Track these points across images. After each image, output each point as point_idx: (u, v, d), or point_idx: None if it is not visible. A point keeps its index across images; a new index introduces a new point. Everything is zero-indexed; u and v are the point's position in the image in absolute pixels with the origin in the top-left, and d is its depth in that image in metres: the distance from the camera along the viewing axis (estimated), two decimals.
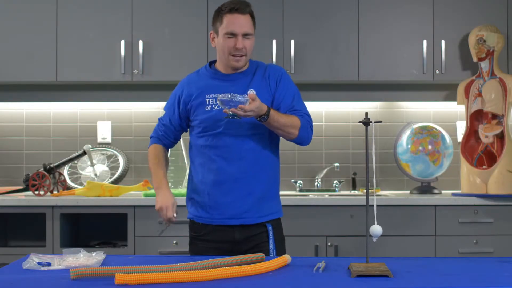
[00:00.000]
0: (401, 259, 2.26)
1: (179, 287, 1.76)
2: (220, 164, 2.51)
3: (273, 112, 2.44)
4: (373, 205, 2.03)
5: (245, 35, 2.53)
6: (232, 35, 2.51)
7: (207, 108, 2.53)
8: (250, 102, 2.35)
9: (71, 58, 3.83)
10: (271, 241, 2.53)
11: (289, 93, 2.58)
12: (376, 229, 1.98)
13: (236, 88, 2.51)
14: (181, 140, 3.92)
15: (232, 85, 2.54)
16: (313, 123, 2.66)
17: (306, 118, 2.58)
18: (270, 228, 2.54)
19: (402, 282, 1.83)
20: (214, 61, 2.66)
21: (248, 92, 2.49)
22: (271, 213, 2.57)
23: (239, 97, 2.33)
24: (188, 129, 2.67)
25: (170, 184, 3.80)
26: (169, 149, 2.76)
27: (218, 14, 2.54)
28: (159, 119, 2.71)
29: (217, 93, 2.49)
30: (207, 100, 2.54)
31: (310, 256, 3.42)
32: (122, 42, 3.81)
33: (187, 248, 2.85)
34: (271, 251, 2.52)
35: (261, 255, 2.13)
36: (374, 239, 2.00)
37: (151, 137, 2.71)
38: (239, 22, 2.52)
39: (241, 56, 2.53)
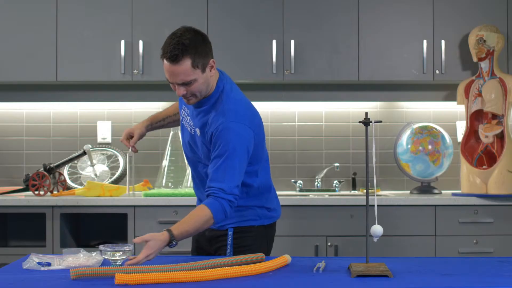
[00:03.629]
0: (401, 259, 2.27)
1: (179, 287, 1.77)
2: (193, 184, 2.58)
3: (178, 232, 2.18)
4: (373, 205, 2.03)
5: (183, 84, 2.27)
6: (170, 82, 2.31)
7: (182, 121, 2.55)
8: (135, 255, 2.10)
9: (71, 58, 3.83)
10: (229, 246, 2.44)
11: (216, 159, 2.28)
12: (377, 229, 1.98)
13: (195, 116, 2.42)
14: (181, 140, 3.91)
15: (195, 116, 2.42)
16: (314, 123, 2.65)
17: (219, 199, 2.23)
18: (230, 233, 2.44)
19: (402, 282, 1.83)
20: None
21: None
22: (232, 222, 2.43)
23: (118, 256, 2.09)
24: None
25: (170, 185, 3.83)
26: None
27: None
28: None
29: (187, 114, 2.48)
30: (182, 116, 2.53)
31: (310, 256, 3.42)
32: (122, 42, 3.81)
33: (187, 248, 2.86)
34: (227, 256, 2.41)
35: (261, 255, 2.13)
36: (375, 239, 2.00)
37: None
38: (171, 72, 2.25)
39: (190, 96, 2.33)
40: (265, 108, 4.13)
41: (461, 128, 4.09)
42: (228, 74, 3.97)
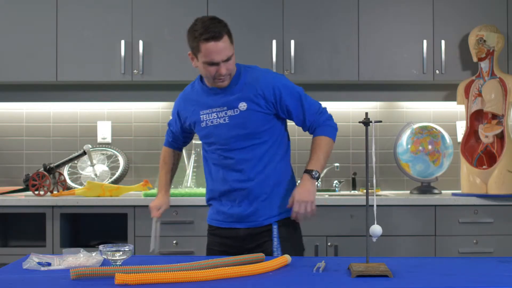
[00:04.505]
0: (401, 259, 2.27)
1: (179, 287, 1.77)
2: (223, 175, 2.55)
3: (316, 167, 2.51)
4: (373, 205, 2.03)
5: (226, 60, 2.43)
6: (213, 64, 2.42)
7: (202, 124, 2.56)
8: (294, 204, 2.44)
9: (71, 58, 3.83)
10: (275, 239, 2.52)
11: (296, 107, 2.53)
12: (376, 229, 1.98)
13: (225, 101, 2.51)
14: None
15: (221, 98, 2.52)
16: None
17: (325, 122, 2.56)
18: (275, 227, 2.54)
19: (402, 282, 1.83)
20: None
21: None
22: (277, 214, 2.55)
23: None
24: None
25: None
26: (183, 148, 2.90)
27: (194, 39, 2.44)
28: (168, 124, 2.80)
29: (209, 108, 2.53)
30: (201, 116, 2.56)
31: (310, 256, 3.42)
32: (122, 42, 3.81)
33: (187, 248, 2.86)
34: (274, 249, 2.50)
35: (261, 255, 2.13)
36: (374, 239, 2.00)
37: (165, 136, 2.85)
38: (217, 50, 2.39)
39: (227, 75, 2.47)
40: None
41: (461, 128, 4.09)
42: None
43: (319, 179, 2.47)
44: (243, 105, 2.49)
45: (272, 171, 2.55)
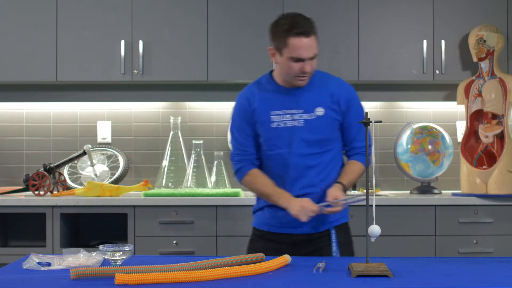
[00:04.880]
0: (401, 259, 2.27)
1: (179, 287, 1.77)
2: (284, 180, 2.49)
3: (346, 182, 2.48)
4: (372, 205, 2.03)
5: (312, 57, 2.41)
6: (299, 60, 2.39)
7: (273, 125, 2.48)
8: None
9: (71, 58, 3.83)
10: (333, 244, 2.50)
11: (355, 126, 2.51)
12: (375, 229, 1.98)
13: (301, 104, 2.46)
14: (181, 140, 3.92)
15: (296, 100, 2.47)
16: None
17: (362, 153, 2.54)
18: (332, 231, 2.52)
19: (402, 282, 1.83)
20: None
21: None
22: (334, 221, 2.53)
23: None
24: None
25: (170, 185, 3.83)
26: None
27: (281, 35, 2.39)
28: (233, 143, 2.61)
29: (282, 109, 2.47)
30: (272, 117, 2.49)
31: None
32: (122, 42, 3.81)
33: (187, 248, 2.85)
34: (334, 254, 2.49)
35: (261, 255, 2.13)
36: (373, 239, 2.00)
37: (236, 165, 2.59)
38: (306, 46, 2.38)
39: (306, 76, 2.45)
40: None
41: (461, 128, 4.09)
42: (228, 74, 4.00)
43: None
44: (320, 110, 2.46)
45: (333, 179, 2.51)
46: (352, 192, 4.07)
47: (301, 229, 2.50)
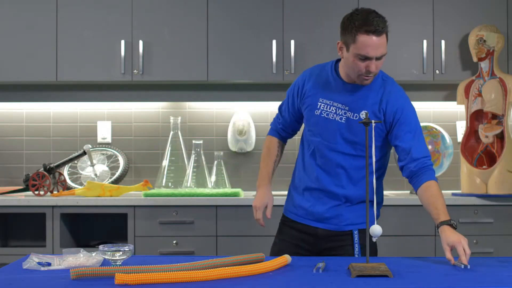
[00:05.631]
0: (401, 259, 2.26)
1: (179, 287, 1.76)
2: (317, 173, 2.48)
3: (448, 217, 2.35)
4: (373, 206, 2.03)
5: (380, 57, 2.33)
6: (366, 58, 2.31)
7: (316, 112, 2.47)
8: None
9: (71, 58, 3.83)
10: (356, 245, 2.48)
11: (408, 133, 2.39)
12: (376, 229, 1.99)
13: (349, 101, 2.42)
14: (181, 140, 3.92)
15: (346, 96, 2.42)
16: None
17: (429, 166, 2.39)
18: (355, 232, 2.49)
19: (402, 282, 1.83)
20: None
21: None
22: (358, 223, 2.49)
23: None
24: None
25: (170, 185, 3.83)
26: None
27: (351, 29, 2.32)
28: (278, 108, 2.68)
29: (331, 100, 2.44)
30: (319, 104, 2.46)
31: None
32: (122, 42, 3.81)
33: (187, 248, 2.84)
34: (356, 255, 2.47)
35: (261, 255, 2.13)
36: (374, 239, 2.00)
37: (270, 125, 2.71)
38: (375, 45, 2.29)
39: (371, 76, 2.37)
40: (265, 108, 4.14)
41: (461, 128, 4.09)
42: (228, 74, 4.00)
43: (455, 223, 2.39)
44: (364, 114, 2.37)
45: (364, 187, 2.43)
46: None
47: (324, 224, 2.49)
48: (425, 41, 3.83)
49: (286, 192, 2.66)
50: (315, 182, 2.49)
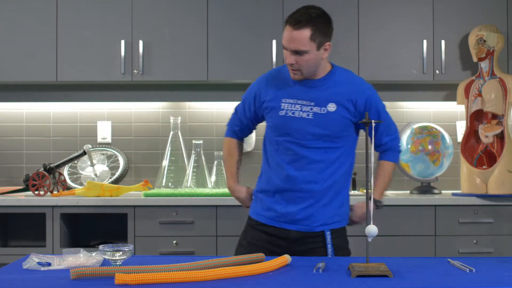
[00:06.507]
0: (401, 259, 2.26)
1: (179, 287, 1.76)
2: (287, 171, 2.48)
3: (380, 195, 2.58)
4: (370, 205, 2.03)
5: (295, 51, 2.37)
6: (284, 48, 2.39)
7: (281, 113, 2.48)
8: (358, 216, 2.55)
9: (71, 58, 3.83)
10: (329, 245, 2.49)
11: (378, 123, 2.49)
12: (372, 229, 1.98)
13: (314, 97, 2.46)
14: (181, 140, 3.92)
15: (310, 92, 2.46)
16: None
17: (395, 148, 2.61)
18: (328, 233, 2.50)
19: (402, 282, 1.83)
20: None
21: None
22: (330, 223, 2.52)
23: None
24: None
25: (170, 185, 3.83)
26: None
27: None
28: (235, 109, 2.71)
29: (294, 98, 2.46)
30: (282, 104, 2.48)
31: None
32: (122, 42, 3.81)
33: (187, 248, 2.84)
34: (329, 256, 2.48)
35: (261, 255, 2.13)
36: (369, 239, 2.00)
37: (227, 125, 2.74)
38: (289, 37, 2.36)
39: (297, 70, 2.42)
40: None
41: (461, 128, 4.09)
42: (228, 74, 4.00)
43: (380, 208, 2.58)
44: (332, 106, 2.45)
45: (337, 179, 2.50)
46: (352, 192, 4.07)
47: (296, 226, 2.49)
48: (425, 41, 3.83)
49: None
50: (286, 182, 2.49)
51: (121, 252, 2.05)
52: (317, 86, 2.47)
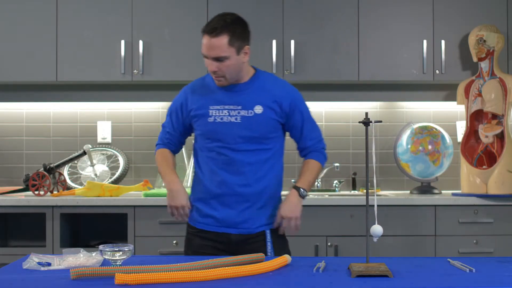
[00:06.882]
0: (401, 259, 2.27)
1: (179, 287, 1.76)
2: (221, 176, 2.51)
3: (305, 185, 2.56)
4: (373, 205, 2.03)
5: (216, 58, 2.42)
6: (205, 57, 2.45)
7: (209, 119, 2.51)
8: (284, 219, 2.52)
9: (71, 58, 3.83)
10: (268, 243, 2.53)
11: (300, 121, 2.58)
12: (377, 229, 1.98)
13: (240, 101, 2.49)
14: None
15: (235, 97, 2.50)
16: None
17: (320, 150, 2.64)
18: (267, 232, 2.55)
19: (402, 282, 1.83)
20: None
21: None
22: (269, 223, 2.56)
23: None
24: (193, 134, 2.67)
25: None
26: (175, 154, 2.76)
27: None
28: (162, 125, 2.71)
29: (221, 104, 2.50)
30: (210, 111, 2.51)
31: (310, 256, 3.42)
32: (122, 42, 3.81)
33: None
34: (268, 253, 2.51)
35: (261, 255, 2.13)
36: (375, 239, 2.00)
37: (156, 144, 2.72)
38: (208, 45, 2.41)
39: (220, 76, 2.46)
40: None
41: (461, 128, 4.09)
42: None
43: (305, 198, 2.59)
44: (259, 108, 2.49)
45: (270, 180, 2.55)
46: (352, 192, 4.08)
47: (236, 229, 2.52)
48: (425, 41, 3.83)
49: (286, 192, 2.66)
50: (220, 187, 2.51)
51: (121, 252, 2.05)
52: (242, 90, 2.51)
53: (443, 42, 3.82)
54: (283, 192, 2.67)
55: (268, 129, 2.51)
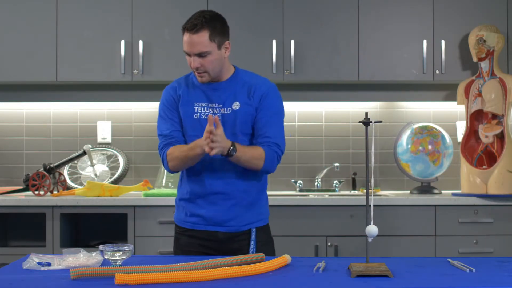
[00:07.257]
0: (401, 259, 2.26)
1: (179, 287, 1.77)
2: (204, 176, 2.51)
3: (238, 145, 2.40)
4: (374, 205, 2.03)
5: (199, 54, 2.45)
6: (187, 54, 2.48)
7: (195, 116, 2.53)
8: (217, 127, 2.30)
9: (71, 58, 3.83)
10: (252, 242, 2.52)
11: (266, 116, 2.51)
12: (372, 229, 1.98)
13: (222, 98, 2.51)
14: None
15: (217, 95, 2.52)
16: (314, 123, 2.67)
17: (273, 149, 2.50)
18: (253, 231, 2.54)
19: (402, 282, 1.83)
20: None
21: (215, 113, 2.46)
22: (255, 221, 2.56)
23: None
24: None
25: (170, 185, 3.83)
26: None
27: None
28: (158, 135, 2.66)
29: (206, 102, 2.52)
30: (196, 108, 2.53)
31: (310, 256, 3.42)
32: (122, 42, 3.81)
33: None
34: (250, 252, 2.51)
35: (261, 255, 2.13)
36: (370, 239, 2.00)
37: (160, 152, 2.64)
38: (189, 42, 2.45)
39: (203, 72, 2.48)
40: None
41: (461, 128, 4.09)
42: None
43: (231, 155, 2.38)
44: (236, 105, 2.50)
45: (255, 178, 2.54)
46: (352, 192, 4.08)
47: (223, 227, 2.52)
48: (425, 41, 3.83)
49: (286, 192, 2.66)
50: (205, 187, 2.51)
51: (121, 252, 2.05)
52: (223, 87, 2.53)
53: (443, 42, 3.82)
54: (278, 192, 2.67)
55: (246, 125, 2.50)
